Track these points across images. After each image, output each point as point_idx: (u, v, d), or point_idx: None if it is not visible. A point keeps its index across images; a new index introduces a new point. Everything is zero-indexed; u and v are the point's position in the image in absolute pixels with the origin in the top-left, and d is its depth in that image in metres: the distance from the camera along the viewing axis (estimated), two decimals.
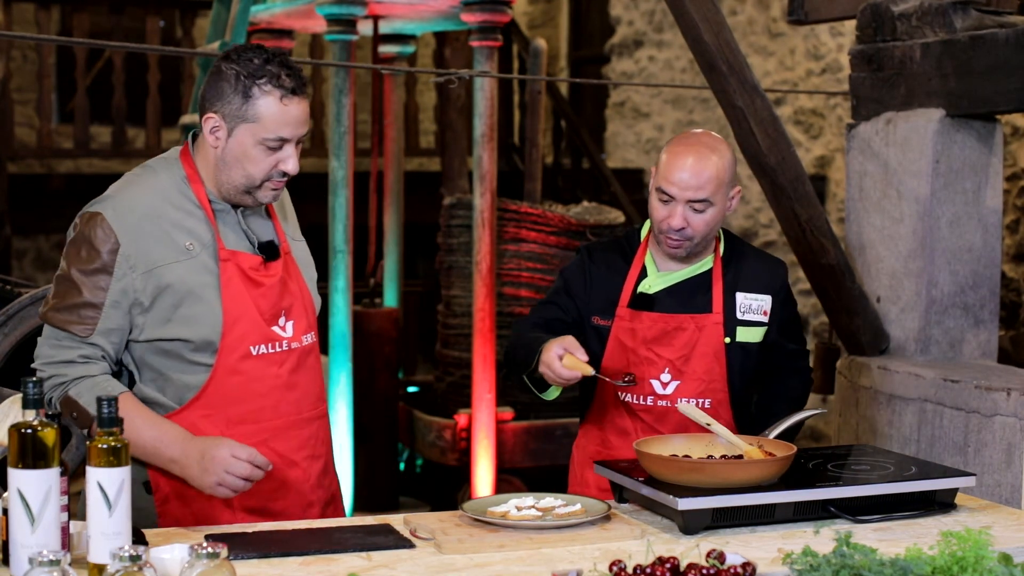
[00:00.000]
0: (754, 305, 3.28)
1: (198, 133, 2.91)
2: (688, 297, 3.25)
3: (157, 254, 2.79)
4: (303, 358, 2.94)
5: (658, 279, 3.27)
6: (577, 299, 3.31)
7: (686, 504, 2.62)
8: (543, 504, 2.72)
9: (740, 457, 2.89)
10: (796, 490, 2.73)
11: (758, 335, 3.28)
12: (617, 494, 2.90)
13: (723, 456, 2.92)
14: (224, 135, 2.82)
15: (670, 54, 10.17)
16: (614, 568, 2.28)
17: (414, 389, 7.66)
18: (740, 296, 3.27)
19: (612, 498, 2.92)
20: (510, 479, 6.53)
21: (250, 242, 2.89)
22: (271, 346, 2.87)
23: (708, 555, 2.33)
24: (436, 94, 9.33)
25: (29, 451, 2.23)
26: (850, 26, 7.98)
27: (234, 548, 2.46)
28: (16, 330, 3.63)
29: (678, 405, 3.14)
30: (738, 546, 2.54)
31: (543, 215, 6.83)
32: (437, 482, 7.21)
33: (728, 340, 3.23)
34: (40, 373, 2.78)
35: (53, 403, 2.75)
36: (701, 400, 3.22)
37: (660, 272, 3.28)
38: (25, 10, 9.80)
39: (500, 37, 6.32)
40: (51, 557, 2.06)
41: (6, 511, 2.28)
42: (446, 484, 7.01)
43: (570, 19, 11.38)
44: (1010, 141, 7.70)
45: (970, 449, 4.00)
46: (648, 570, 2.27)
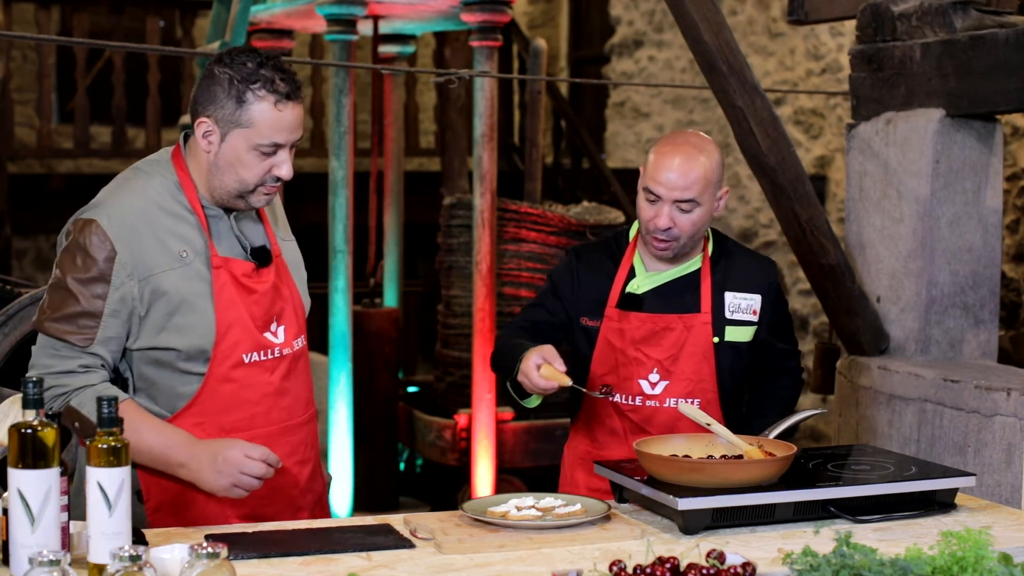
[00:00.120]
0: (743, 304, 3.27)
1: (189, 134, 2.86)
2: (676, 297, 3.25)
3: (153, 261, 2.75)
4: (294, 363, 2.92)
5: (646, 279, 3.27)
6: (565, 300, 3.30)
7: (686, 504, 2.62)
8: (543, 504, 2.72)
9: (740, 457, 2.88)
10: (796, 490, 2.73)
11: (747, 334, 3.27)
12: (617, 494, 2.90)
13: (723, 456, 2.92)
14: (217, 140, 2.77)
15: (670, 54, 10.17)
16: (614, 568, 2.28)
17: (414, 389, 7.66)
18: (729, 296, 3.26)
19: (603, 499, 2.91)
20: (510, 479, 6.53)
21: (243, 247, 2.86)
22: (263, 353, 2.84)
23: (708, 555, 2.33)
24: (436, 94, 9.33)
25: (29, 451, 2.23)
26: (850, 26, 7.97)
27: (234, 548, 2.46)
28: (16, 330, 3.62)
29: (679, 406, 3.14)
30: (738, 546, 2.54)
31: (543, 215, 6.83)
32: (437, 482, 7.20)
33: (717, 340, 3.22)
34: None
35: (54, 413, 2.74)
36: (690, 400, 3.21)
37: (648, 272, 3.27)
38: (25, 10, 9.79)
39: (500, 37, 6.32)
40: (51, 557, 2.06)
41: (6, 511, 2.28)
42: (446, 484, 7.01)
43: (570, 19, 11.38)
44: (1010, 141, 7.70)
45: (970, 449, 3.99)
46: (648, 570, 2.26)
